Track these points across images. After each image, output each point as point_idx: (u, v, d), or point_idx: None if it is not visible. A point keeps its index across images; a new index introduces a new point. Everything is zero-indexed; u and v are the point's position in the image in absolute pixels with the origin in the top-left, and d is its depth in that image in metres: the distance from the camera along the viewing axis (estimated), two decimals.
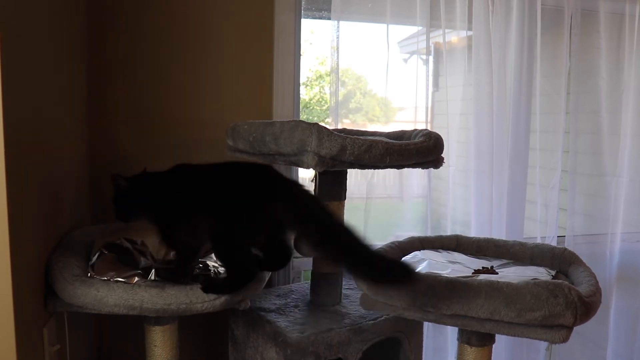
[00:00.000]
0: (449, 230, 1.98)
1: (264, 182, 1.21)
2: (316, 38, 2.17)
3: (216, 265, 1.32)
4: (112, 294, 1.10)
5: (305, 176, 1.99)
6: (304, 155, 1.22)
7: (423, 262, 1.38)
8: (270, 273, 1.37)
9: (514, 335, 1.13)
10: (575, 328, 1.11)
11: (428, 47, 1.91)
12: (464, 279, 1.15)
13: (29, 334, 1.04)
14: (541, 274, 1.30)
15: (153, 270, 1.23)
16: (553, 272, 1.32)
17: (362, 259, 1.13)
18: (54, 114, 1.25)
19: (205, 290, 1.15)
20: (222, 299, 1.16)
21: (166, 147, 1.68)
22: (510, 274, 1.32)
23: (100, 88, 1.61)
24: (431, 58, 1.95)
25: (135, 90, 1.66)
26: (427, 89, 1.91)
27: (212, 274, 1.29)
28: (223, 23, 1.70)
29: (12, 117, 0.91)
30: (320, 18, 1.89)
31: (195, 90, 1.70)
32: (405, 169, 1.81)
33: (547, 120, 2.06)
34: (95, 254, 1.25)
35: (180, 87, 1.68)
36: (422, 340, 1.53)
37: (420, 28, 1.92)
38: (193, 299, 1.13)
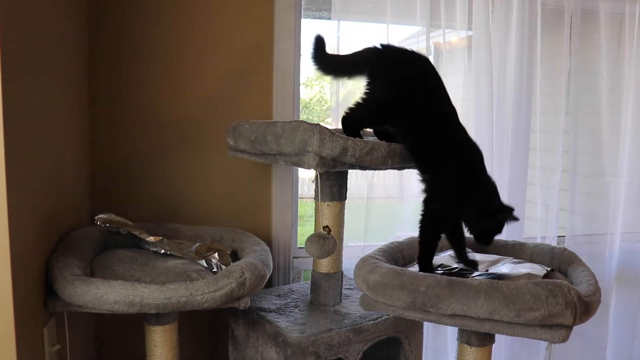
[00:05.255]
0: None
1: None
2: None
3: (218, 263, 1.32)
4: (112, 291, 1.09)
5: (306, 176, 1.99)
6: (305, 156, 1.22)
7: None
8: (270, 272, 1.37)
9: (514, 335, 1.13)
10: (574, 328, 1.11)
11: (428, 47, 1.91)
12: (464, 279, 1.15)
13: (29, 334, 1.04)
14: (534, 269, 1.30)
15: None
16: (548, 268, 1.32)
17: None
18: (54, 114, 1.25)
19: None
20: (222, 291, 1.16)
21: (167, 147, 1.69)
22: (504, 270, 1.32)
23: (100, 88, 1.61)
24: (431, 58, 1.95)
25: (135, 90, 1.66)
26: None
27: (216, 270, 1.29)
28: (223, 23, 1.70)
29: (12, 117, 0.91)
30: (320, 18, 1.89)
31: (196, 90, 1.70)
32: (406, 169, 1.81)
33: (547, 120, 2.06)
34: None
35: (181, 87, 1.68)
36: (422, 340, 1.53)
37: (420, 28, 1.92)
38: (193, 291, 1.13)
